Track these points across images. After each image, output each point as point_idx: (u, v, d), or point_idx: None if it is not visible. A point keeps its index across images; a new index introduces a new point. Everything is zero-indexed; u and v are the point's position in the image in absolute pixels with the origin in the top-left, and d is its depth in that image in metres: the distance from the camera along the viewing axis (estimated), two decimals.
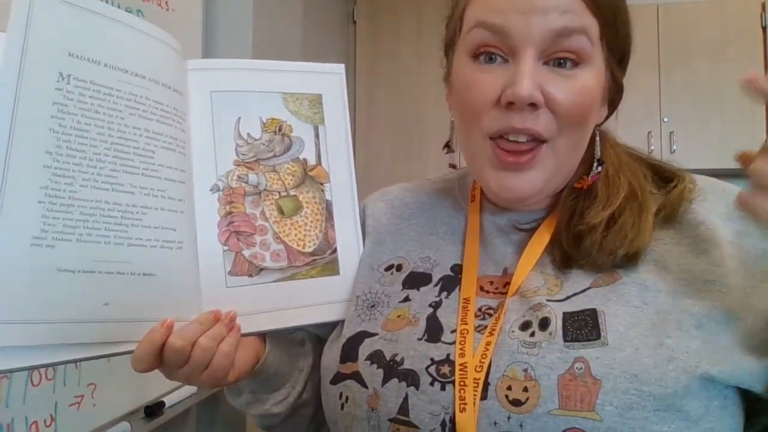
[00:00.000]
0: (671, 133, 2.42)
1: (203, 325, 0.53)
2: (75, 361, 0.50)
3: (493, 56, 0.53)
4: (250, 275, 0.59)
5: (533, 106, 0.51)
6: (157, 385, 1.17)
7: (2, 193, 0.45)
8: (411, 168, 2.54)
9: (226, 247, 0.58)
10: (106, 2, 0.54)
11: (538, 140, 0.53)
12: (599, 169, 0.58)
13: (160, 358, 0.52)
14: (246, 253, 0.59)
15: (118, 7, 1.06)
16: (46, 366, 0.49)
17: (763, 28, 2.38)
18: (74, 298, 0.48)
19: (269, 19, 1.71)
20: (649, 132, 2.42)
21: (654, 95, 2.43)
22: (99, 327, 0.50)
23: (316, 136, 0.64)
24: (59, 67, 0.49)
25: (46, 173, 0.47)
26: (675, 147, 2.41)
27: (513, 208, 0.61)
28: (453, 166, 0.68)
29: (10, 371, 0.47)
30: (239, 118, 0.61)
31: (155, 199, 0.53)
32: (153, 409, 1.12)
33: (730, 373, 0.48)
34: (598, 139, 0.59)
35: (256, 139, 0.61)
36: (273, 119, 0.62)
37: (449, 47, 0.60)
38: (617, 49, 0.56)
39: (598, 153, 0.59)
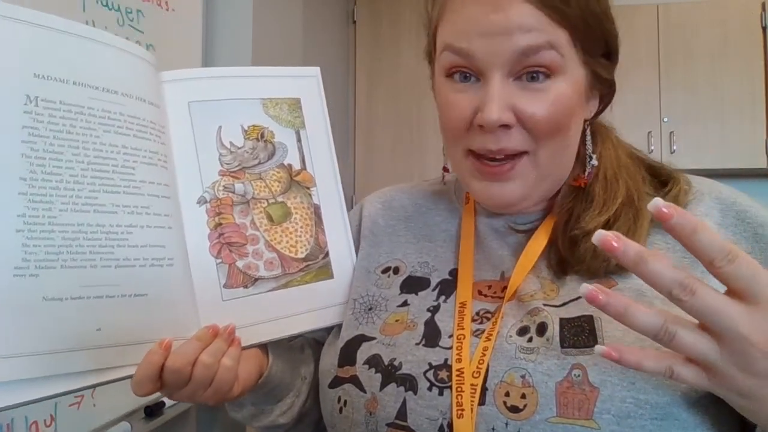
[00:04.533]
0: (671, 133, 2.42)
1: (202, 341, 0.52)
2: (72, 392, 0.48)
3: (467, 75, 0.54)
4: (246, 286, 0.58)
5: (505, 126, 0.52)
6: None
7: None
8: (410, 167, 2.54)
9: (219, 260, 0.57)
10: (105, 5, 0.53)
11: (516, 153, 0.54)
12: (593, 163, 0.58)
13: (161, 380, 0.50)
14: (239, 264, 0.58)
15: (118, 8, 1.07)
16: (44, 399, 0.47)
17: (763, 28, 2.38)
18: (64, 326, 0.47)
19: (269, 19, 1.71)
20: (649, 132, 2.42)
21: (654, 95, 2.43)
22: (93, 354, 0.48)
23: (299, 140, 0.63)
24: (25, 90, 0.47)
25: (23, 200, 0.46)
26: (675, 147, 2.40)
27: (505, 213, 0.61)
28: (445, 169, 0.68)
29: (5, 408, 0.45)
30: (220, 127, 0.60)
31: (140, 216, 0.52)
32: (153, 409, 1.12)
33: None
34: (589, 135, 0.59)
35: (239, 148, 0.61)
36: (254, 126, 0.61)
37: (430, 57, 0.61)
38: (597, 48, 0.55)
39: (589, 148, 0.59)
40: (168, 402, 1.17)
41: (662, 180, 0.59)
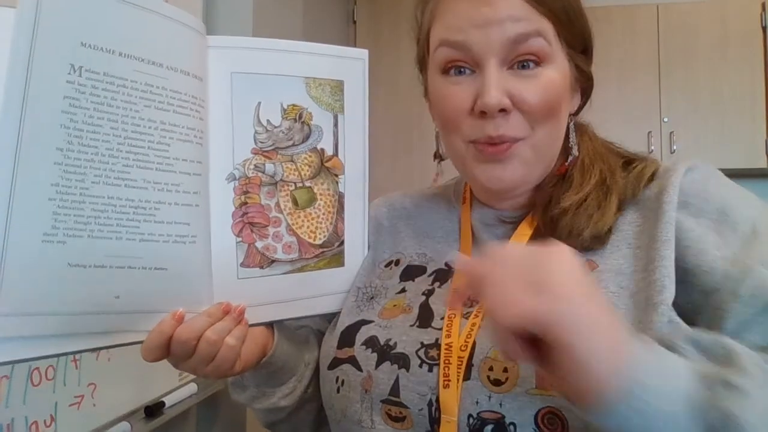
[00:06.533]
0: (671, 133, 2.42)
1: (211, 317, 0.54)
2: (87, 350, 0.51)
3: (462, 69, 0.57)
4: (262, 267, 0.59)
5: (503, 111, 0.55)
6: (157, 385, 1.17)
7: (13, 190, 0.45)
8: (411, 167, 2.54)
9: (239, 239, 0.58)
10: None
11: (513, 139, 0.56)
12: (575, 153, 0.61)
13: (169, 348, 0.52)
14: (259, 244, 0.59)
15: None
16: (59, 355, 0.50)
17: (763, 28, 2.38)
18: (85, 291, 0.48)
19: (269, 19, 1.71)
20: (649, 132, 2.42)
21: (654, 95, 2.43)
22: (110, 318, 0.50)
23: (335, 125, 0.63)
24: (71, 59, 0.46)
25: (57, 170, 0.46)
26: (675, 147, 2.40)
27: (501, 200, 0.63)
28: (437, 175, 0.72)
29: (24, 361, 0.48)
30: (259, 103, 0.59)
31: (169, 194, 0.52)
32: (153, 409, 1.12)
33: None
34: (573, 129, 0.62)
35: (275, 127, 0.60)
36: (294, 106, 0.61)
37: (422, 65, 0.64)
38: (577, 42, 0.59)
39: (573, 140, 0.61)
40: (168, 402, 1.18)
41: (634, 165, 0.61)
